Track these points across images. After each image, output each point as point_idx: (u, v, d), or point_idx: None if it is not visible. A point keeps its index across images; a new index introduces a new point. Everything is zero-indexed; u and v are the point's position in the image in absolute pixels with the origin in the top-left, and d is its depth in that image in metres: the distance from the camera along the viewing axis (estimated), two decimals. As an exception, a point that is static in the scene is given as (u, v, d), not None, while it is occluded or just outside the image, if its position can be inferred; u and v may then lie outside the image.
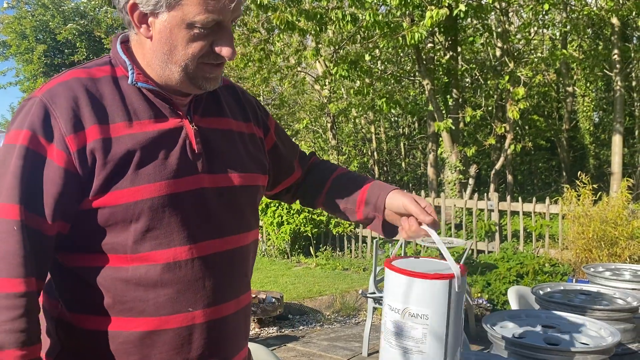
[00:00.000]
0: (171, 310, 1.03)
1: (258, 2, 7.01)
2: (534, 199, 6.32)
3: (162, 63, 1.04)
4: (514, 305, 2.31)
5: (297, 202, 1.41)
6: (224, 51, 1.03)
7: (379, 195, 1.21)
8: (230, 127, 1.16)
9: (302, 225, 7.24)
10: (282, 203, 7.30)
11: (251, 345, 1.72)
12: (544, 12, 8.87)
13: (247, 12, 8.83)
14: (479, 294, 5.10)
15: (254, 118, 1.23)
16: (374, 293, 4.20)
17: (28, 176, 0.96)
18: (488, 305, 5.05)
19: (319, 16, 7.01)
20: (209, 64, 1.04)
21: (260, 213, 7.54)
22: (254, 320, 4.66)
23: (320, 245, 7.49)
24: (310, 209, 7.23)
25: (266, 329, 4.67)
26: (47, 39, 19.34)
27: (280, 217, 7.33)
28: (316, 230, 7.33)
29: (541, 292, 2.22)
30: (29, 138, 0.97)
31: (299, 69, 11.20)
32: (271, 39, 8.91)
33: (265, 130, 1.25)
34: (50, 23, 19.46)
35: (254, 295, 4.66)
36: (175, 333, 1.04)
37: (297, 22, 7.49)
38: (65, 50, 19.28)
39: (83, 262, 1.03)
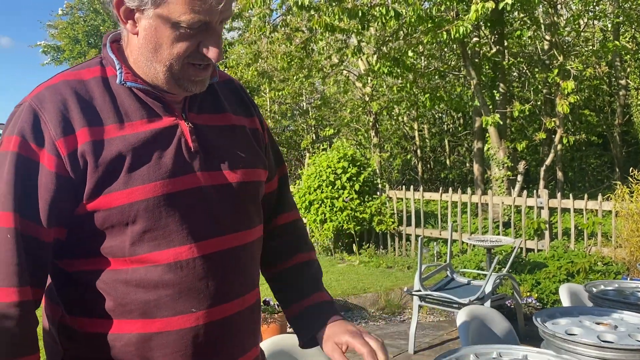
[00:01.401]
0: (174, 312, 1.01)
1: (299, 4, 7.04)
2: (586, 195, 6.12)
3: (147, 61, 1.01)
4: (565, 302, 2.25)
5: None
6: (211, 52, 1.00)
7: (317, 321, 1.17)
8: (230, 122, 1.13)
9: (345, 222, 7.24)
10: (325, 200, 7.33)
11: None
12: (594, 3, 8.56)
13: (289, 13, 8.89)
14: (528, 293, 4.98)
15: (256, 113, 1.21)
16: (420, 291, 4.16)
17: (21, 183, 0.95)
18: (537, 304, 4.92)
19: (361, 14, 6.99)
20: (195, 66, 1.02)
21: (303, 211, 7.58)
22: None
23: (363, 243, 7.47)
24: (353, 207, 7.22)
25: (311, 325, 4.70)
26: (98, 42, 20.04)
27: (323, 215, 7.35)
28: (359, 227, 7.32)
29: (595, 290, 2.16)
30: (19, 144, 0.95)
31: (341, 67, 11.19)
32: (314, 37, 8.94)
33: (262, 128, 1.22)
34: (101, 27, 20.16)
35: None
36: (178, 335, 1.01)
37: (337, 23, 7.48)
38: (115, 54, 19.92)
39: (82, 267, 1.02)
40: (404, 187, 7.44)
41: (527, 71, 10.47)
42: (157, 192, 0.99)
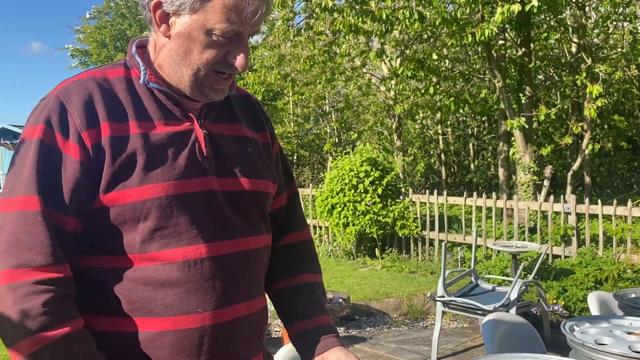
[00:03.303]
0: (180, 311, 1.02)
1: (323, 6, 7.04)
2: (615, 201, 5.98)
3: (175, 64, 1.05)
4: (594, 311, 2.19)
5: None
6: (238, 62, 1.04)
7: (316, 344, 1.16)
8: (243, 133, 1.17)
9: (368, 226, 7.20)
10: (347, 204, 7.30)
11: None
12: (624, 5, 8.37)
13: (313, 16, 8.92)
14: (554, 300, 4.88)
15: (269, 129, 1.25)
16: (443, 297, 4.11)
17: (43, 169, 0.97)
18: (564, 312, 4.82)
19: (384, 16, 6.96)
20: (219, 74, 1.05)
21: (326, 214, 7.56)
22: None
23: (386, 247, 7.42)
24: (376, 211, 7.18)
25: (333, 329, 4.68)
26: (124, 46, 20.37)
27: (345, 218, 7.33)
28: (382, 231, 7.27)
29: (625, 298, 2.09)
30: (43, 131, 0.98)
31: (364, 70, 11.17)
32: (337, 40, 8.94)
33: (272, 144, 1.25)
34: (127, 32, 20.50)
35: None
36: (184, 335, 1.02)
37: (361, 25, 7.46)
38: (141, 58, 20.34)
39: (92, 263, 1.03)
40: (427, 191, 7.37)
41: (553, 74, 10.30)
42: (169, 191, 1.01)
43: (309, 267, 1.27)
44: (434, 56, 8.32)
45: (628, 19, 9.48)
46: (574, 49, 9.28)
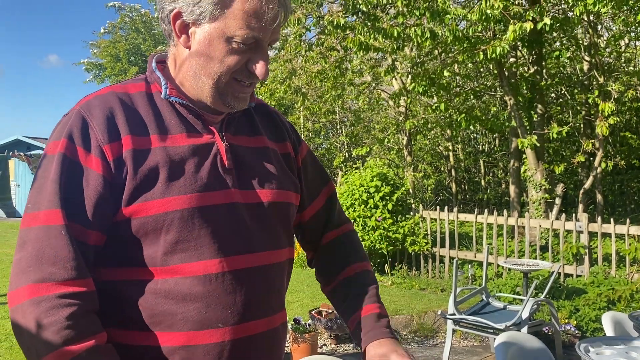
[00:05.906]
0: (200, 326, 1.01)
1: (335, 23, 7.10)
2: (628, 220, 5.92)
3: (195, 75, 1.05)
4: (609, 331, 2.17)
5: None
6: (258, 69, 1.04)
7: (365, 337, 1.15)
8: (264, 144, 1.17)
9: (377, 242, 7.17)
10: (357, 219, 7.28)
11: None
12: (636, 24, 8.37)
13: (325, 32, 8.99)
14: (566, 320, 4.82)
15: (289, 138, 1.24)
16: (454, 314, 4.08)
17: (66, 183, 0.98)
18: (576, 331, 4.76)
19: (396, 34, 7.00)
20: (240, 82, 1.06)
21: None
22: (330, 336, 4.64)
23: (396, 263, 7.38)
24: (386, 226, 7.16)
25: (342, 345, 4.64)
26: (138, 61, 20.63)
27: (356, 234, 7.30)
28: (391, 247, 7.23)
29: (641, 319, 2.07)
30: (65, 146, 0.99)
31: (374, 84, 11.21)
32: (348, 56, 9.00)
33: (295, 152, 1.25)
34: (142, 46, 20.74)
35: (330, 311, 4.64)
36: (204, 350, 1.01)
37: (372, 42, 7.50)
38: (155, 72, 20.63)
39: (114, 276, 1.03)
40: (437, 207, 7.35)
41: (565, 92, 10.28)
42: (192, 204, 1.01)
43: (349, 259, 1.26)
44: (445, 73, 8.34)
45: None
46: (585, 67, 9.27)
